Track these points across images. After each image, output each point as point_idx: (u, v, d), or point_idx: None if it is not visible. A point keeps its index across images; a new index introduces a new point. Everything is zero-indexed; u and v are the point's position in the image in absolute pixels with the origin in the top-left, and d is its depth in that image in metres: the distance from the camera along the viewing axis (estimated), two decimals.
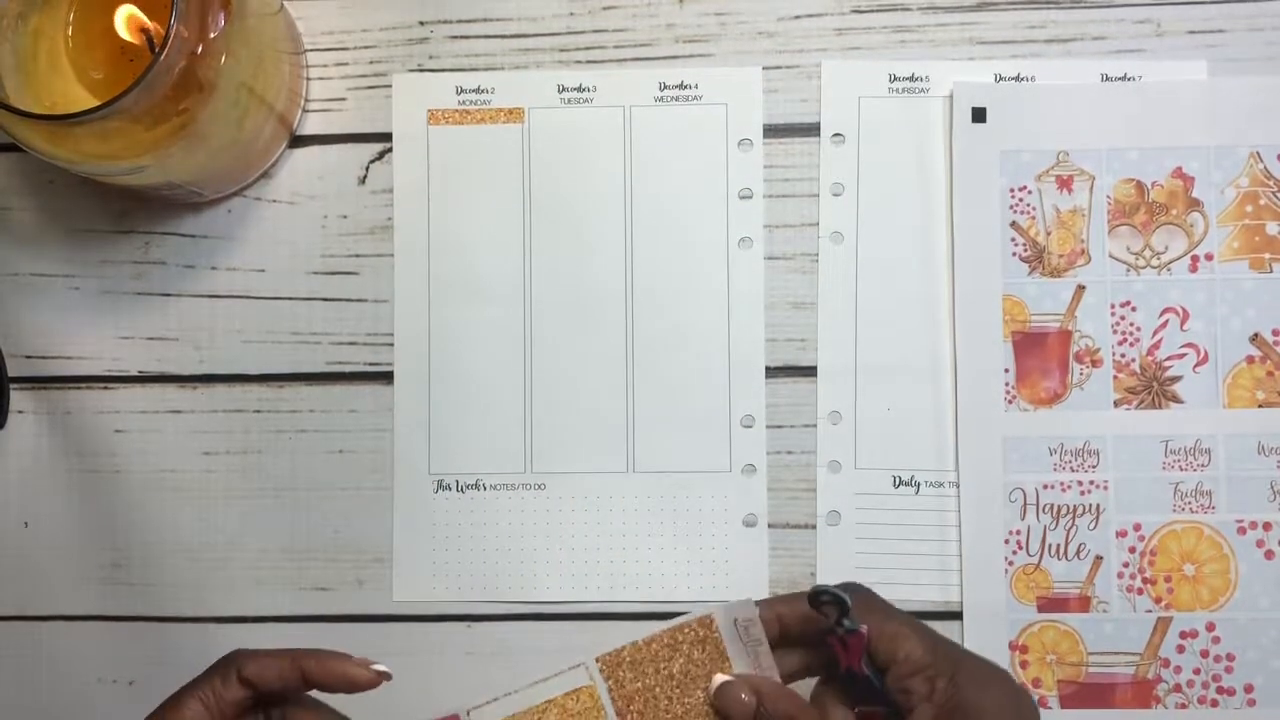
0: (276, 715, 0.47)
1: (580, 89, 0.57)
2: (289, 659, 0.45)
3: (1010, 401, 0.55)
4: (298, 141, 0.57)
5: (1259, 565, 0.55)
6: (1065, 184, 0.56)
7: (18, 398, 0.58)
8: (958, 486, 0.55)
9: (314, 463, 0.57)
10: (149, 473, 0.57)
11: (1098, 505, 0.55)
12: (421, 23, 0.57)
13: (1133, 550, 0.55)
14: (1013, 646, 0.55)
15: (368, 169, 0.57)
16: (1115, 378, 0.55)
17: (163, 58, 0.45)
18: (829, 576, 0.55)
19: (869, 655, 0.44)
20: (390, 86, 0.57)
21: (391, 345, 0.57)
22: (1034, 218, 0.56)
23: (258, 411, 0.57)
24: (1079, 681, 0.55)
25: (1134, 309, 0.55)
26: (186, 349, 0.57)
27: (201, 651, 0.56)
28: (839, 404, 0.56)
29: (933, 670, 0.44)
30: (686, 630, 0.47)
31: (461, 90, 0.57)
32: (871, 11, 0.56)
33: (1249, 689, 0.54)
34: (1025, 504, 0.55)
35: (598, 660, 0.47)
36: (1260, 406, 0.55)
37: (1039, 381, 0.55)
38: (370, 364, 0.57)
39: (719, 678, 0.45)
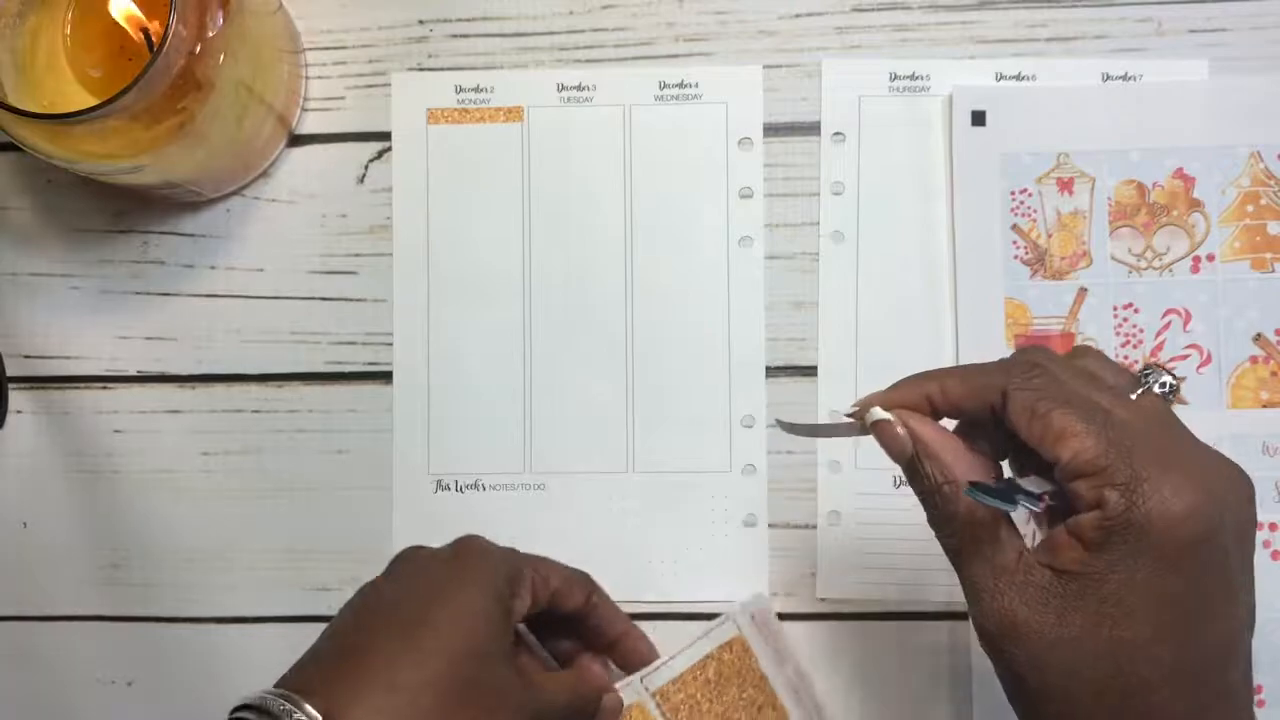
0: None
1: (580, 88, 0.57)
2: (584, 590, 0.50)
3: None
4: (296, 141, 0.57)
5: (1266, 566, 0.54)
6: (1066, 186, 0.55)
7: (16, 398, 0.58)
8: None
9: (314, 463, 0.57)
10: (148, 473, 0.57)
11: None
12: (421, 21, 0.57)
13: None
14: None
15: (367, 168, 0.57)
16: None
17: (161, 56, 0.45)
18: (829, 576, 0.55)
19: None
20: (389, 85, 0.57)
21: (391, 345, 0.57)
22: (1035, 220, 0.55)
23: (257, 411, 0.57)
24: None
25: (1136, 311, 0.55)
26: (185, 349, 0.57)
27: (201, 651, 0.57)
28: (839, 403, 0.55)
29: (1104, 478, 0.36)
30: (713, 637, 0.54)
31: (461, 89, 0.57)
32: (872, 10, 0.56)
33: (1259, 689, 0.54)
34: None
35: (643, 679, 0.53)
36: (1264, 407, 0.55)
37: None
38: (369, 364, 0.57)
39: (876, 413, 0.41)
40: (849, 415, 0.42)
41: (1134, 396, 0.39)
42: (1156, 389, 0.39)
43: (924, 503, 0.40)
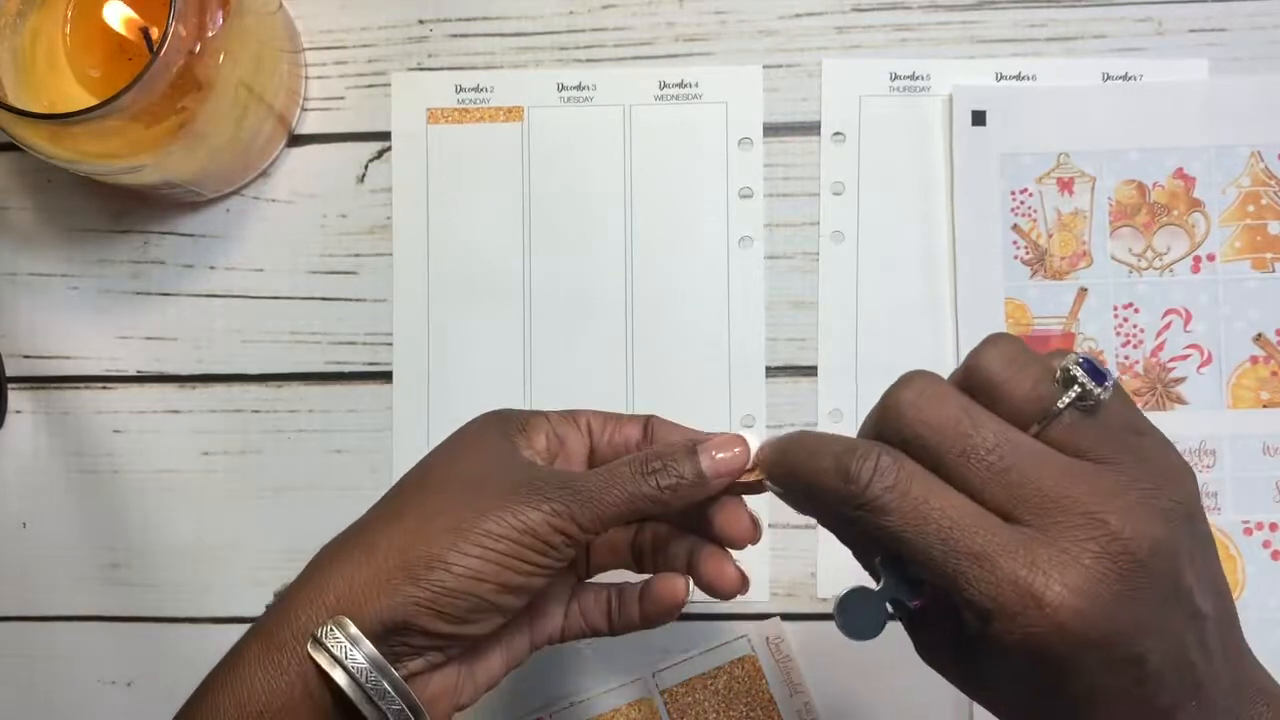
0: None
1: (580, 88, 0.57)
2: (637, 423, 0.43)
3: None
4: (296, 140, 0.57)
5: (1266, 565, 0.54)
6: (1066, 186, 0.55)
7: (16, 398, 0.58)
8: None
9: (313, 463, 0.57)
10: (148, 473, 0.57)
11: None
12: (421, 21, 0.57)
13: None
14: None
15: (366, 168, 0.57)
16: (1119, 380, 0.55)
17: (161, 56, 0.45)
18: (829, 576, 0.55)
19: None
20: (389, 85, 0.57)
21: (390, 345, 0.57)
22: (1035, 220, 0.55)
23: (256, 411, 0.57)
24: None
25: (1137, 311, 0.55)
26: (185, 349, 0.57)
27: (201, 652, 0.56)
28: (839, 403, 0.55)
29: (957, 600, 0.33)
30: (726, 651, 0.55)
31: (461, 89, 0.57)
32: (872, 10, 0.56)
33: None
34: None
35: (655, 675, 0.54)
36: (1264, 407, 0.55)
37: None
38: (369, 364, 0.57)
39: (770, 486, 0.38)
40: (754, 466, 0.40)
41: (1035, 429, 0.34)
42: (1072, 406, 0.33)
43: None
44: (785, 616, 0.55)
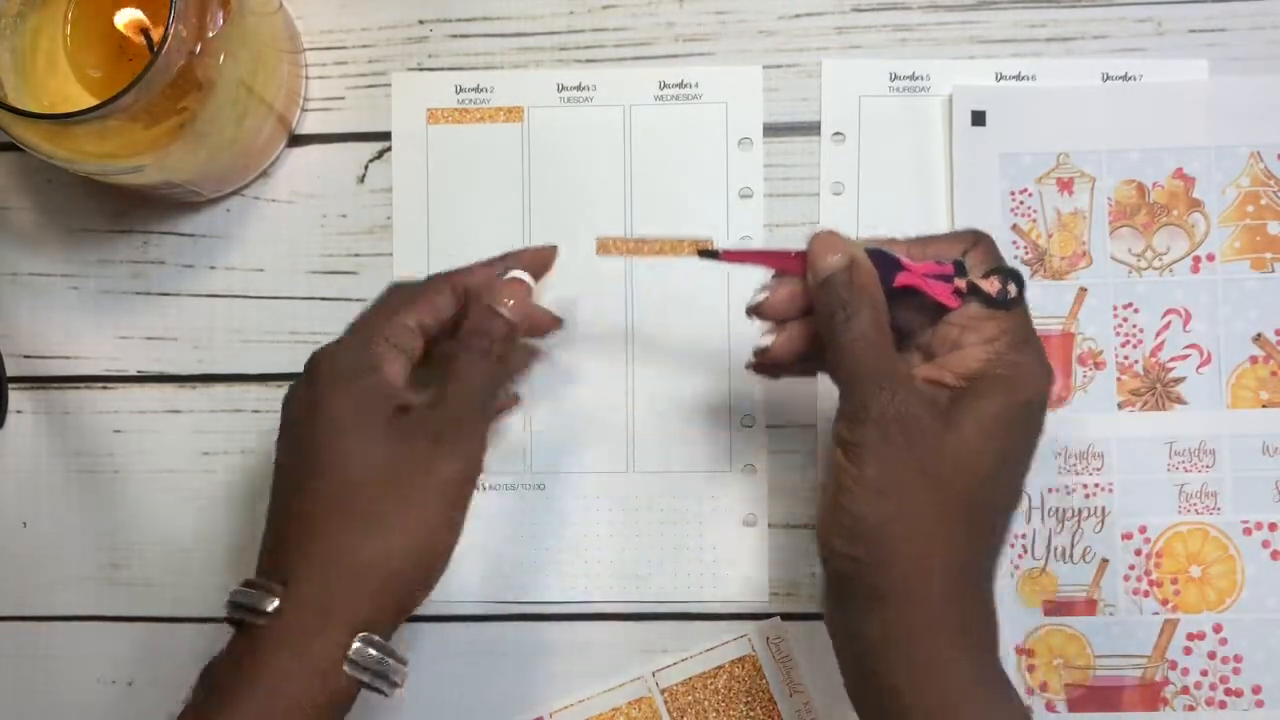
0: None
1: (580, 88, 0.57)
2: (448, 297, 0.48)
3: None
4: (296, 140, 0.57)
5: (1265, 566, 0.54)
6: (1066, 186, 0.55)
7: (16, 398, 0.58)
8: None
9: None
10: (148, 473, 0.57)
11: (1103, 508, 0.55)
12: (421, 21, 0.57)
13: (1139, 553, 0.54)
14: (1019, 650, 0.54)
15: (367, 168, 0.57)
16: (1119, 380, 0.55)
17: (161, 57, 0.45)
18: None
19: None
20: (389, 85, 0.57)
21: None
22: (1035, 220, 0.55)
23: (257, 411, 0.57)
24: (1086, 685, 0.54)
25: (1136, 310, 0.55)
26: (185, 349, 0.57)
27: (201, 652, 0.56)
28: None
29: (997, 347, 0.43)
30: (727, 650, 0.55)
31: (461, 89, 0.57)
32: (872, 10, 0.56)
33: (1257, 690, 0.54)
34: (1030, 507, 0.55)
35: (655, 674, 0.55)
36: (1264, 407, 0.55)
37: None
38: None
39: (819, 230, 0.44)
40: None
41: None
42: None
43: (831, 320, 0.43)
44: (785, 616, 0.55)
